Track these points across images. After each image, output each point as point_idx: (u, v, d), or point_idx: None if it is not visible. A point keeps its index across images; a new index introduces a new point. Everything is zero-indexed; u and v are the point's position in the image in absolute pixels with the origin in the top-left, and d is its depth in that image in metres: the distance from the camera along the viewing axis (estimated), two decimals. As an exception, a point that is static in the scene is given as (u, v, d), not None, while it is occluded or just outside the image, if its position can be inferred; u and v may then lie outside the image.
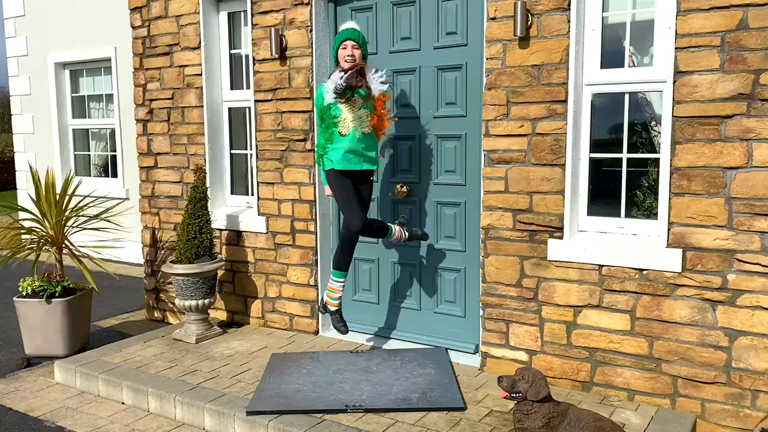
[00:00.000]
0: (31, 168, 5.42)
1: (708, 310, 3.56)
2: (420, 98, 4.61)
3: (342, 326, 4.41)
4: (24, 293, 4.97)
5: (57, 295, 4.91)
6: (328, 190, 4.42)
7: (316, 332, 5.08)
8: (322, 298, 4.48)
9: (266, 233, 5.20)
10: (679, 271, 3.60)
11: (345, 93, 4.04)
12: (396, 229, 4.40)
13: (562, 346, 3.99)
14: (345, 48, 4.04)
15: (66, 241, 5.24)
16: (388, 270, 4.94)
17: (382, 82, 4.16)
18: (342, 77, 4.02)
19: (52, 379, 4.63)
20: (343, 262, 4.31)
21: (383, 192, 4.88)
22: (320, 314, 4.80)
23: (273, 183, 5.12)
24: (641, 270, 3.72)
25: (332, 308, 4.40)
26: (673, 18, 3.53)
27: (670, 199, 3.62)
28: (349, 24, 4.15)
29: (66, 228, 5.23)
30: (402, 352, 4.53)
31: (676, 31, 3.52)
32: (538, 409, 3.10)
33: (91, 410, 4.14)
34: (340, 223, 5.04)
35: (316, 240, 4.98)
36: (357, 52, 4.04)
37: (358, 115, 4.08)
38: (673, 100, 3.56)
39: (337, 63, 4.14)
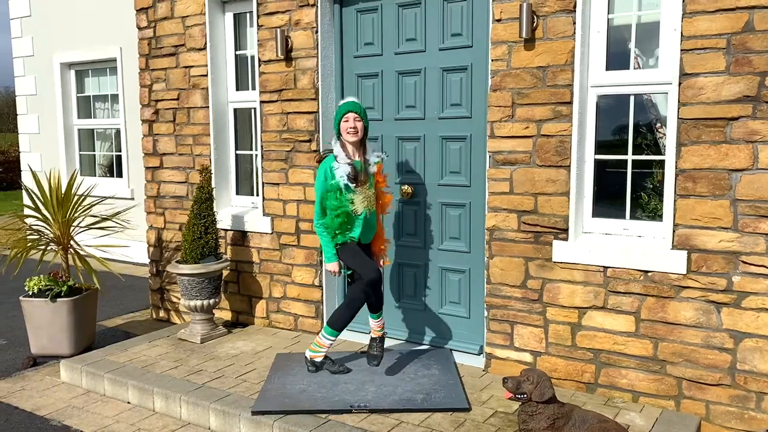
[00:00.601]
0: (34, 173, 5.44)
1: (713, 312, 3.56)
2: (425, 99, 4.62)
3: (340, 369, 4.21)
4: (30, 293, 4.99)
5: (63, 294, 4.94)
6: (332, 267, 4.11)
7: (321, 333, 5.09)
8: (306, 358, 4.24)
9: (271, 234, 5.22)
10: (684, 272, 3.61)
11: (358, 177, 4.03)
12: (382, 320, 4.29)
13: (567, 347, 3.99)
14: (347, 120, 4.02)
15: (72, 241, 5.26)
16: (392, 271, 4.95)
17: (377, 156, 4.19)
18: (348, 172, 4.00)
19: (58, 379, 4.65)
20: (342, 323, 4.12)
21: (388, 193, 4.89)
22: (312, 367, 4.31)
23: (278, 183, 5.14)
24: (646, 272, 3.72)
25: (319, 359, 4.21)
26: (678, 20, 3.54)
27: (675, 200, 3.62)
28: (350, 98, 4.15)
29: (72, 228, 5.25)
30: (406, 353, 4.54)
31: (681, 33, 3.52)
32: (543, 411, 3.11)
33: (97, 409, 4.16)
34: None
35: (321, 240, 4.99)
36: (359, 124, 4.03)
37: (367, 195, 4.06)
38: (679, 102, 3.57)
39: (338, 135, 4.08)
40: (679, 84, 3.55)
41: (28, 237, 5.31)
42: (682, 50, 3.53)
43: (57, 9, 9.14)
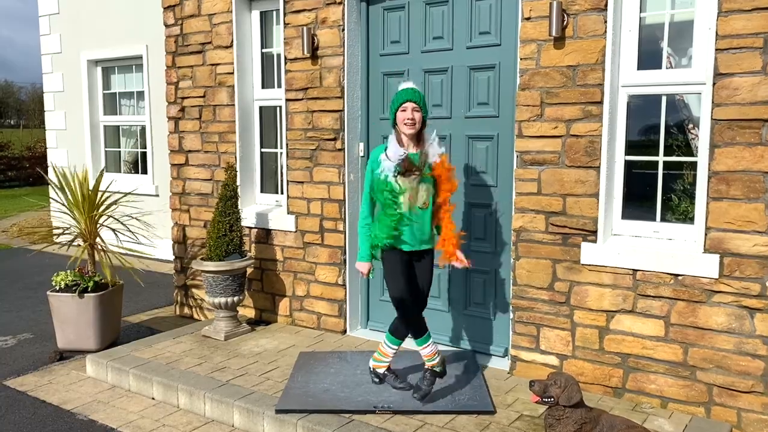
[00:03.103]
0: (55, 170, 5.51)
1: (746, 318, 3.50)
2: (452, 98, 4.60)
3: (403, 385, 3.93)
4: (57, 287, 5.06)
5: (89, 289, 5.00)
6: (363, 267, 3.81)
7: (344, 332, 5.09)
8: (370, 368, 4.07)
9: (295, 232, 5.23)
10: (716, 277, 3.55)
11: (409, 170, 3.64)
12: (432, 344, 3.83)
13: (594, 351, 3.95)
14: (405, 110, 3.63)
15: (98, 237, 5.32)
16: (416, 271, 4.93)
17: (437, 148, 3.73)
18: (400, 158, 3.62)
19: (84, 373, 4.71)
20: (402, 332, 3.86)
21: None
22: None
23: (302, 182, 5.15)
24: (676, 275, 3.67)
25: (382, 370, 4.01)
26: (713, 19, 3.48)
27: (707, 203, 3.56)
28: (408, 84, 3.75)
29: (98, 225, 5.31)
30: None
31: (716, 32, 3.46)
32: (570, 415, 3.07)
33: (122, 404, 4.21)
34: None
35: (345, 239, 4.99)
36: (417, 115, 3.63)
37: (416, 191, 3.66)
38: (713, 102, 3.51)
39: (395, 125, 3.73)
40: (713, 84, 3.49)
41: (54, 232, 5.39)
42: (716, 50, 3.47)
43: (85, 6, 9.26)
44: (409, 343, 4.06)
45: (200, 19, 5.58)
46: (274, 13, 5.42)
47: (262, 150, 5.65)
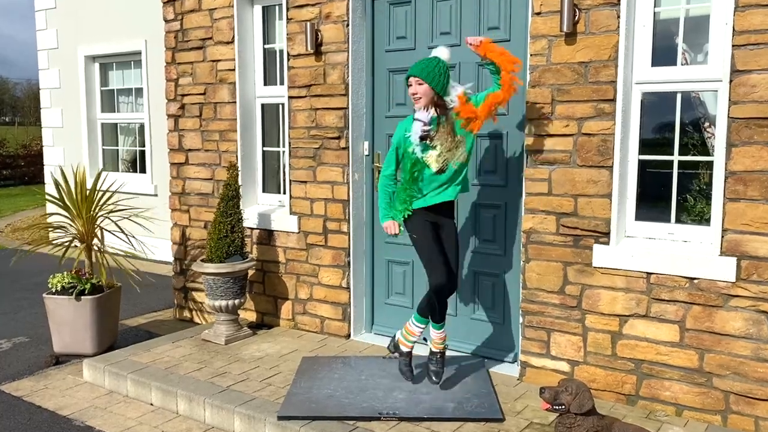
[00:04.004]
0: (53, 175, 5.53)
1: (764, 323, 3.49)
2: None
3: (409, 372, 4.11)
4: (53, 290, 5.09)
5: (86, 292, 5.02)
6: (389, 225, 3.94)
7: (348, 336, 5.10)
8: (394, 336, 4.17)
9: (298, 233, 5.24)
10: (733, 281, 3.54)
11: (429, 134, 3.75)
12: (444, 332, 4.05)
13: (607, 357, 3.95)
14: (410, 85, 3.80)
15: (95, 239, 5.34)
16: (422, 273, 4.93)
17: (458, 90, 3.78)
18: (422, 127, 3.73)
19: (81, 378, 4.73)
20: (428, 310, 3.97)
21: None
22: (390, 352, 4.21)
23: (306, 181, 5.16)
24: (692, 279, 3.66)
25: (405, 349, 4.10)
26: (730, 14, 3.47)
27: (724, 204, 3.55)
28: (436, 51, 3.84)
29: (96, 226, 5.33)
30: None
31: (733, 27, 3.46)
32: (582, 423, 3.07)
33: (119, 410, 4.23)
34: (374, 225, 5.06)
35: (349, 241, 5.00)
36: (420, 88, 3.72)
37: (448, 146, 3.77)
38: (729, 100, 3.50)
39: None
40: (730, 81, 3.49)
41: (50, 233, 5.41)
42: (733, 46, 3.47)
43: (82, 1, 9.29)
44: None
45: (201, 14, 5.60)
46: (277, 7, 5.43)
47: (264, 149, 5.66)
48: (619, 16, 3.77)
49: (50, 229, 5.53)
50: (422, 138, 3.75)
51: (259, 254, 5.48)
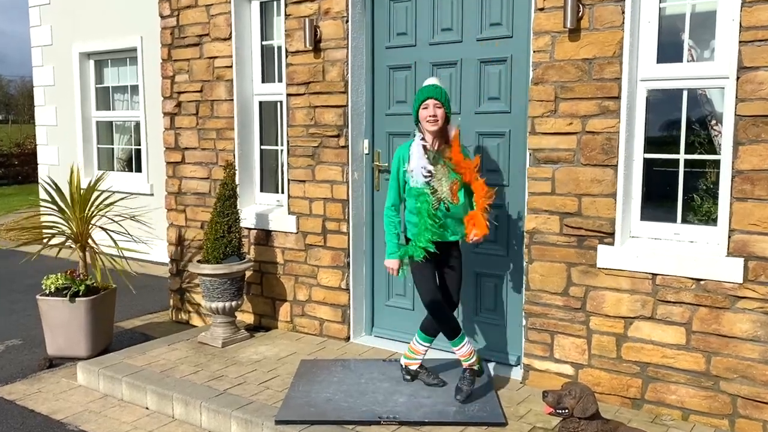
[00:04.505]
0: (46, 182, 5.55)
1: (772, 325, 3.49)
2: (461, 93, 4.60)
3: (436, 381, 4.11)
4: (47, 291, 5.09)
5: (80, 293, 5.02)
6: (392, 264, 3.99)
7: (347, 338, 5.10)
8: (401, 366, 4.22)
9: (296, 233, 5.24)
10: (741, 282, 3.54)
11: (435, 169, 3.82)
12: (468, 344, 4.01)
13: (611, 359, 3.94)
14: (426, 108, 3.81)
15: (90, 239, 5.35)
16: (424, 274, 4.94)
17: (452, 131, 3.91)
18: (426, 163, 3.81)
19: (75, 381, 4.73)
20: (434, 330, 4.05)
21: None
22: (403, 365, 4.23)
23: (304, 180, 5.16)
24: (698, 280, 3.66)
25: (414, 367, 4.16)
26: (737, 9, 3.47)
27: (731, 204, 3.55)
28: (431, 80, 3.94)
29: (90, 226, 5.34)
30: (438, 363, 4.52)
31: (740, 23, 3.45)
32: (586, 427, 3.07)
33: (114, 414, 4.23)
34: (374, 225, 5.06)
35: (349, 241, 5.00)
36: (440, 112, 3.80)
37: (443, 188, 3.83)
38: (736, 97, 3.50)
39: (417, 122, 3.92)
40: (737, 78, 3.48)
41: (44, 233, 5.42)
42: (740, 42, 3.46)
43: (76, -3, 9.30)
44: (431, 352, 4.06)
45: (197, 9, 5.60)
46: (275, 3, 5.44)
47: (262, 147, 5.67)
48: (623, 12, 3.76)
49: (44, 230, 5.52)
50: (426, 177, 3.82)
51: (257, 255, 5.48)
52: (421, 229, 3.83)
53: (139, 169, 9.06)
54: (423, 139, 3.91)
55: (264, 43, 5.55)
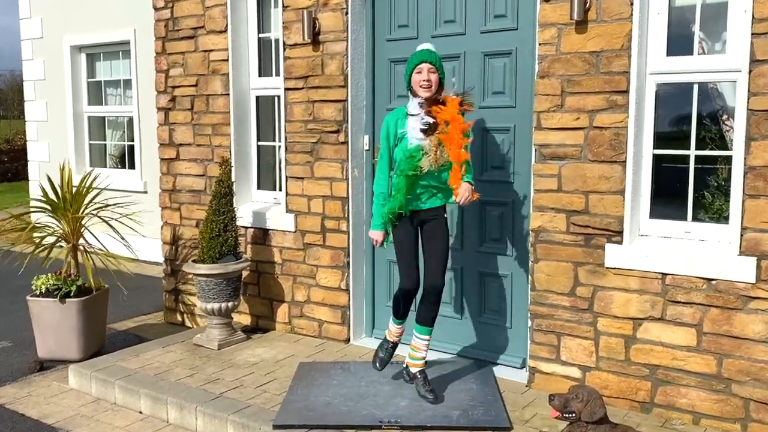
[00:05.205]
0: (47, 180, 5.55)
1: (785, 326, 3.48)
2: (464, 87, 4.58)
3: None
4: (38, 292, 5.08)
5: (72, 294, 5.02)
6: (376, 235, 3.98)
7: (347, 340, 5.10)
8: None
9: (294, 232, 5.24)
10: (753, 282, 3.53)
11: (430, 128, 3.82)
12: (427, 343, 4.06)
13: (620, 362, 3.94)
14: (420, 72, 3.82)
15: (81, 238, 5.34)
16: (426, 274, 4.93)
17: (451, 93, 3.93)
18: (423, 118, 3.81)
19: (66, 385, 4.73)
20: (399, 308, 4.11)
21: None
22: (383, 351, 4.23)
23: (303, 178, 5.15)
24: (710, 280, 3.65)
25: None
26: (749, 0, 3.46)
27: (743, 201, 3.55)
28: (425, 45, 3.95)
29: (81, 225, 5.33)
30: (441, 365, 4.52)
31: (753, 15, 3.45)
32: (593, 432, 3.06)
33: (107, 419, 4.22)
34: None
35: (349, 240, 5.00)
36: (434, 77, 3.82)
37: (439, 149, 3.81)
38: (749, 91, 3.49)
39: (409, 87, 3.92)
40: (750, 72, 3.48)
41: (35, 233, 5.41)
42: (753, 34, 3.46)
43: (67, -12, 9.28)
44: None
45: (192, 1, 5.59)
46: (272, -6, 5.43)
47: (259, 143, 5.66)
48: (632, 3, 3.75)
49: (34, 229, 5.51)
50: (424, 131, 3.80)
51: (254, 254, 5.48)
52: (398, 188, 3.84)
53: (132, 166, 9.05)
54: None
55: (261, 35, 5.54)
